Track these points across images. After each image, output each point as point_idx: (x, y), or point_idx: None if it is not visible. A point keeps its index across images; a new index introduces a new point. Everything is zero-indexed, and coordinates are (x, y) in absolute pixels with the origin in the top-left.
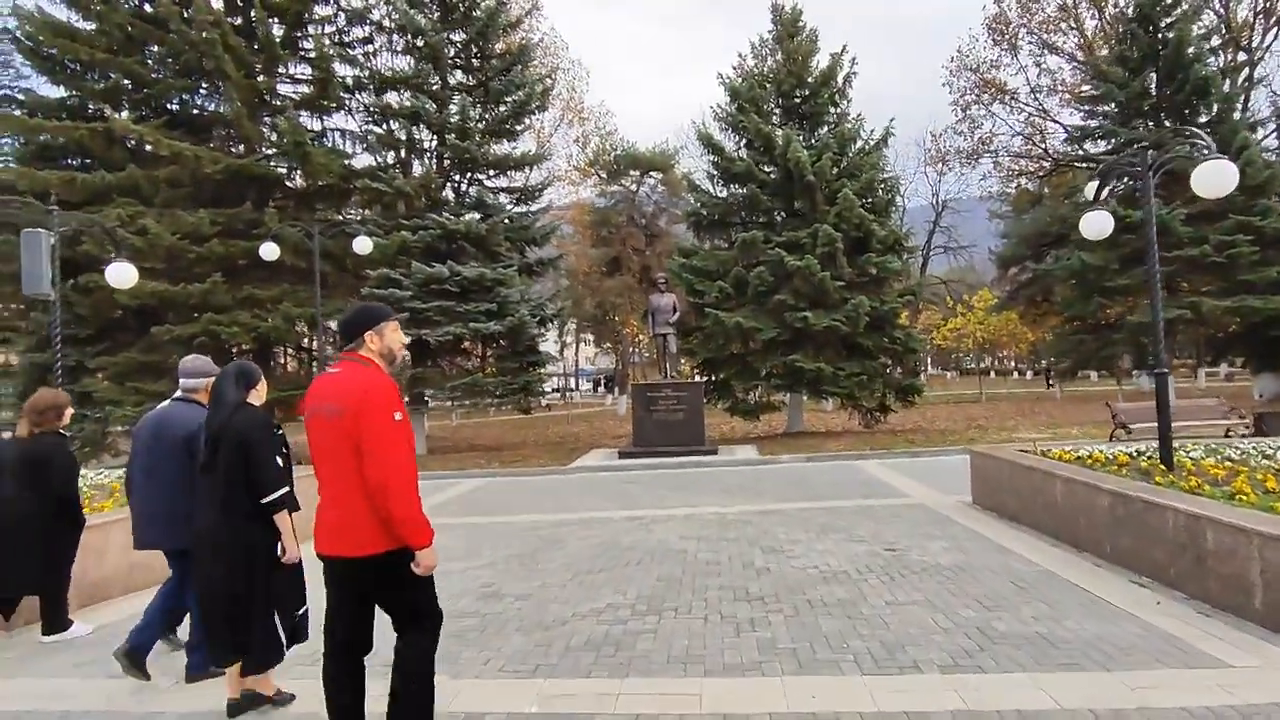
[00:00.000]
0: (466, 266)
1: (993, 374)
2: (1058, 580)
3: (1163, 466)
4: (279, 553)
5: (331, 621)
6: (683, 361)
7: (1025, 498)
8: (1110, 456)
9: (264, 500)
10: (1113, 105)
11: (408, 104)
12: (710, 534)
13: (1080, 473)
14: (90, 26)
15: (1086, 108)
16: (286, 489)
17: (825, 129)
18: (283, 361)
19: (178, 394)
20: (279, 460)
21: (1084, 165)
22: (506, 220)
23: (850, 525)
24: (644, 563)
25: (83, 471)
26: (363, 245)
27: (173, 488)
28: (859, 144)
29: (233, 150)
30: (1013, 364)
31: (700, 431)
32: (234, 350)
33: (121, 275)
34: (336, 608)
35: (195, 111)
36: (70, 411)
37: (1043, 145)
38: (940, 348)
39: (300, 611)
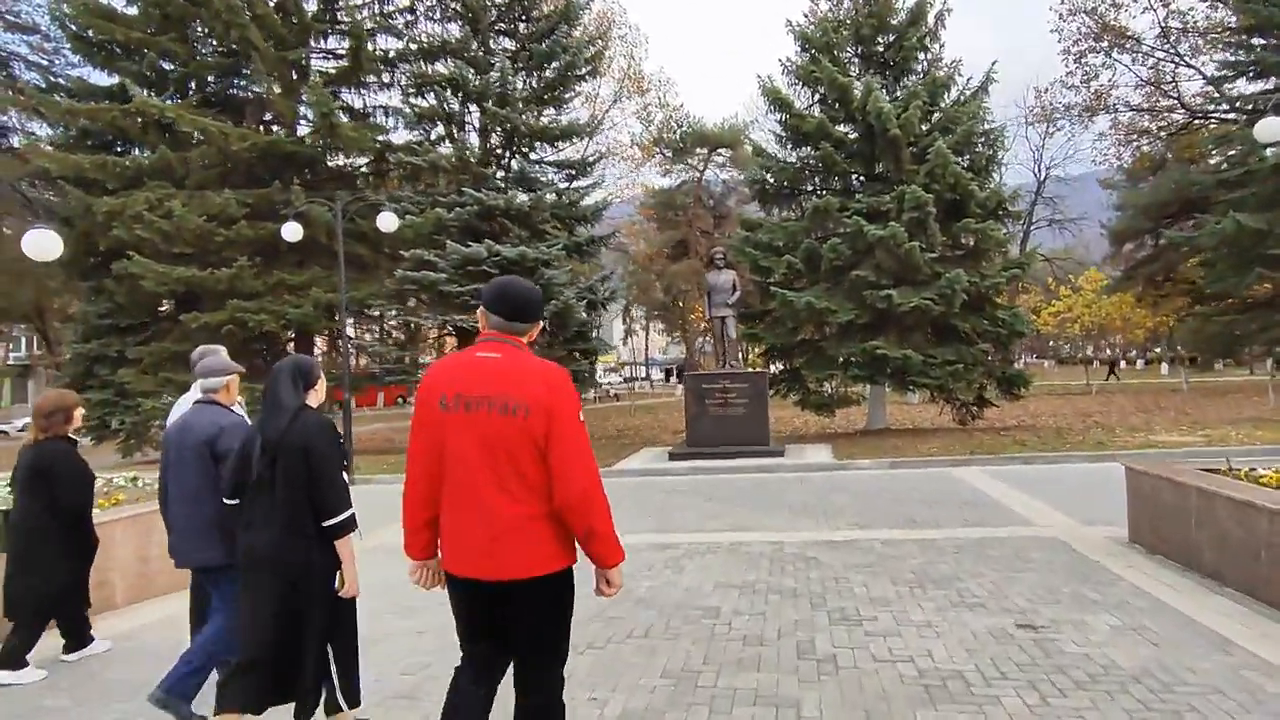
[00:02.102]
0: (506, 246)
1: (1095, 363)
2: None
3: None
4: (336, 584)
5: (470, 652)
6: (754, 350)
7: (1236, 547)
8: None
9: (328, 523)
10: (1275, 35)
11: (446, 72)
12: (759, 580)
13: None
14: (133, 11)
15: (1238, 38)
16: (352, 510)
17: (913, 78)
18: (324, 351)
19: (199, 395)
20: (344, 475)
21: (1230, 113)
22: (553, 195)
23: (957, 572)
24: (653, 634)
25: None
26: (388, 222)
27: (195, 499)
28: (954, 94)
29: (275, 132)
30: (1118, 352)
31: (763, 429)
32: (269, 338)
33: (40, 244)
34: (480, 638)
35: (234, 92)
36: (80, 413)
37: (1175, 95)
38: (1039, 334)
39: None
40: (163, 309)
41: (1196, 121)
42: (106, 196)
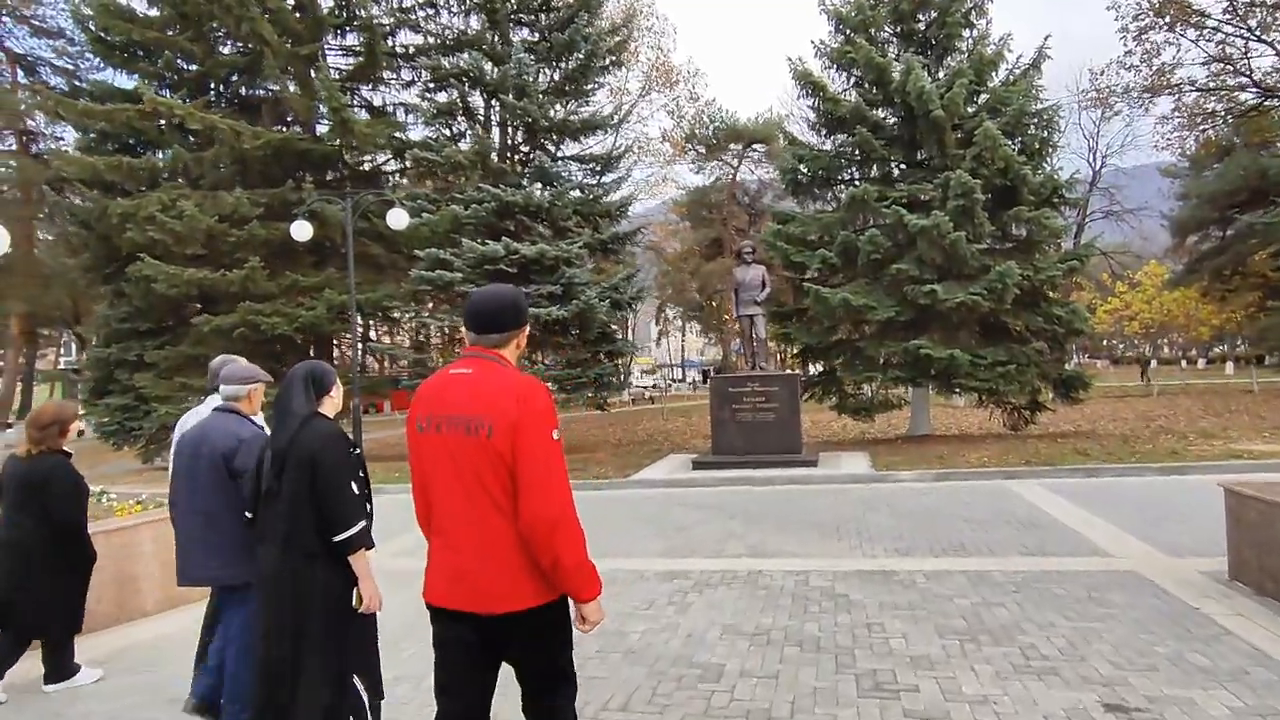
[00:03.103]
0: (525, 244)
1: (1154, 363)
2: None
3: None
4: (354, 601)
5: (448, 692)
6: (789, 352)
7: None
8: None
9: (337, 538)
10: None
11: (463, 66)
12: (776, 625)
13: None
14: (153, 12)
15: None
16: (364, 523)
17: (957, 57)
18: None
19: (218, 403)
20: (355, 486)
21: None
22: (577, 191)
23: (1018, 619)
24: (635, 704)
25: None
26: (397, 219)
27: (203, 513)
28: (1002, 73)
29: (296, 131)
30: (1178, 352)
31: (795, 437)
32: (285, 341)
33: None
34: (460, 675)
35: (252, 91)
36: (76, 426)
37: (1245, 72)
38: (1093, 333)
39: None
40: (196, 314)
41: (1269, 102)
42: (122, 199)
